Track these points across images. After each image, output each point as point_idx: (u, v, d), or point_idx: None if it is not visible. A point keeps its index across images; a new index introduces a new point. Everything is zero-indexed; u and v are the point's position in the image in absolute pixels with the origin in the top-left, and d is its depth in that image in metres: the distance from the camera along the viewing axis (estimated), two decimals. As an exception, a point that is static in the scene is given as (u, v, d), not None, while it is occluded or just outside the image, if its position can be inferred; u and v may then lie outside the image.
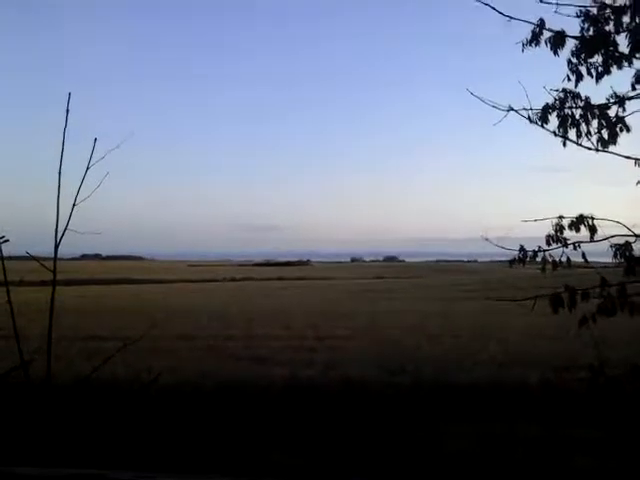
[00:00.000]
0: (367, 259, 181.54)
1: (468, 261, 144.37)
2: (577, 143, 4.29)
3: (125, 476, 2.33)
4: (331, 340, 13.81)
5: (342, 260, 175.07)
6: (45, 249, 3.48)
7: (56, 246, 3.11)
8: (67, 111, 3.03)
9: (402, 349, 11.89)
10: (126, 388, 7.17)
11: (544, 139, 4.52)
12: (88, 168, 3.01)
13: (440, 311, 22.41)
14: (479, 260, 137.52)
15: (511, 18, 4.29)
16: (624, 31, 4.05)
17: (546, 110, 4.30)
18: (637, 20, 3.94)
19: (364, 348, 12.31)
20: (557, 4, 4.24)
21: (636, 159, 4.09)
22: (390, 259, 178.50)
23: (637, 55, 4.03)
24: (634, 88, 4.22)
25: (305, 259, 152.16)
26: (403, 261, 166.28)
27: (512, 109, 4.34)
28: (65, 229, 3.03)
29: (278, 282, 64.37)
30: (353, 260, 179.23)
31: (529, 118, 4.33)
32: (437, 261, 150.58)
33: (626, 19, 4.03)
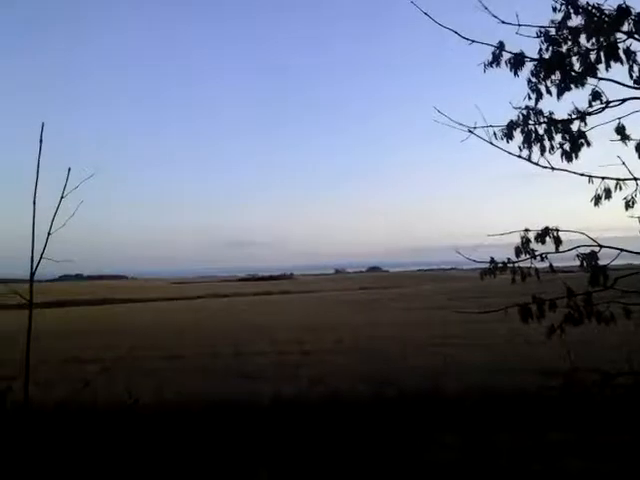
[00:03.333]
0: (350, 270, 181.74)
1: (451, 269, 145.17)
2: (534, 163, 4.41)
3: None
4: (317, 354, 13.81)
5: (326, 272, 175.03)
6: (25, 272, 3.48)
7: (32, 274, 3.12)
8: (40, 141, 3.05)
9: (388, 360, 11.93)
10: (107, 412, 7.09)
11: (512, 149, 4.65)
12: (62, 197, 3.03)
13: (424, 320, 22.55)
14: (459, 268, 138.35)
15: (473, 41, 4.43)
16: (576, 54, 4.20)
17: (511, 127, 4.43)
18: (593, 42, 4.10)
19: (350, 361, 12.32)
20: (518, 25, 4.38)
21: (590, 176, 4.23)
22: (373, 269, 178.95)
23: (590, 75, 4.17)
24: (591, 105, 4.36)
25: (289, 273, 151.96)
26: (387, 271, 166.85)
27: (471, 132, 4.47)
28: (40, 258, 3.04)
29: (263, 297, 64.14)
30: (337, 272, 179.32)
31: (494, 135, 4.46)
32: (419, 270, 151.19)
33: (582, 40, 4.18)
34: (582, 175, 4.23)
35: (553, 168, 4.39)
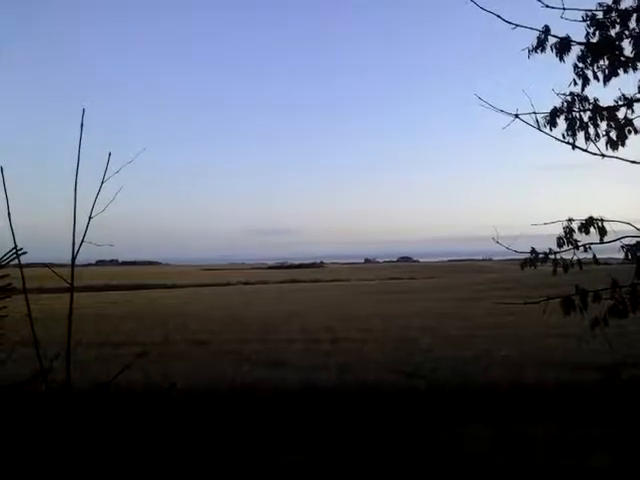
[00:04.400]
0: (381, 260, 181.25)
1: (483, 259, 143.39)
2: (583, 149, 4.28)
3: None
4: (346, 343, 13.83)
5: (356, 261, 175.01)
6: (64, 255, 3.55)
7: (73, 258, 3.17)
8: (81, 126, 3.09)
9: (417, 351, 11.87)
10: (143, 394, 7.25)
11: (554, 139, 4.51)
12: (103, 182, 3.07)
13: (453, 312, 22.34)
14: (494, 259, 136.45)
15: (517, 25, 4.31)
16: (628, 37, 4.05)
17: (554, 114, 4.30)
18: None
19: (380, 351, 12.30)
20: (563, 8, 4.25)
21: (642, 164, 4.07)
22: (404, 259, 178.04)
23: None
24: (640, 91, 4.21)
25: (319, 261, 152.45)
26: (417, 261, 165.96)
27: (517, 116, 4.35)
28: (82, 242, 3.10)
29: (292, 284, 64.46)
30: (367, 261, 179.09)
31: (537, 122, 4.34)
32: (450, 260, 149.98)
33: (632, 23, 4.02)
34: (634, 162, 4.08)
35: (603, 155, 4.25)
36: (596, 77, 4.24)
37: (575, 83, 4.33)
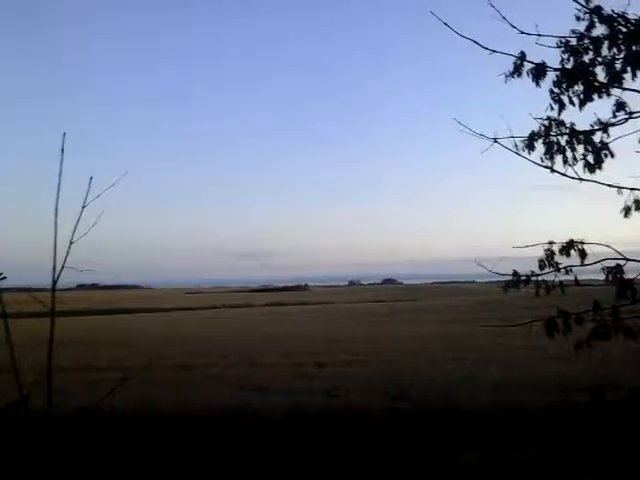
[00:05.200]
0: (365, 282, 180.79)
1: (466, 282, 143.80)
2: (562, 173, 4.38)
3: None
4: (331, 367, 13.75)
5: (340, 284, 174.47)
6: (43, 280, 3.50)
7: (54, 283, 3.13)
8: (62, 150, 3.08)
9: (402, 374, 11.82)
10: (125, 420, 7.12)
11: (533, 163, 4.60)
12: (84, 207, 3.05)
13: (440, 334, 22.36)
14: (477, 281, 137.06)
15: (493, 51, 4.43)
16: (601, 63, 4.18)
17: (532, 138, 4.40)
18: (615, 51, 4.07)
19: (365, 374, 12.24)
20: (538, 35, 4.38)
21: (619, 187, 4.17)
22: (388, 281, 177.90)
23: (615, 85, 4.14)
24: (615, 115, 4.32)
25: (303, 284, 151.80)
26: (401, 283, 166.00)
27: (496, 141, 4.45)
28: (62, 267, 3.06)
29: (277, 308, 64.09)
30: (351, 283, 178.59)
31: (516, 146, 4.44)
32: (434, 282, 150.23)
33: (604, 50, 4.16)
34: (610, 186, 4.18)
35: (581, 179, 4.35)
36: (572, 102, 4.36)
37: (552, 108, 4.45)
